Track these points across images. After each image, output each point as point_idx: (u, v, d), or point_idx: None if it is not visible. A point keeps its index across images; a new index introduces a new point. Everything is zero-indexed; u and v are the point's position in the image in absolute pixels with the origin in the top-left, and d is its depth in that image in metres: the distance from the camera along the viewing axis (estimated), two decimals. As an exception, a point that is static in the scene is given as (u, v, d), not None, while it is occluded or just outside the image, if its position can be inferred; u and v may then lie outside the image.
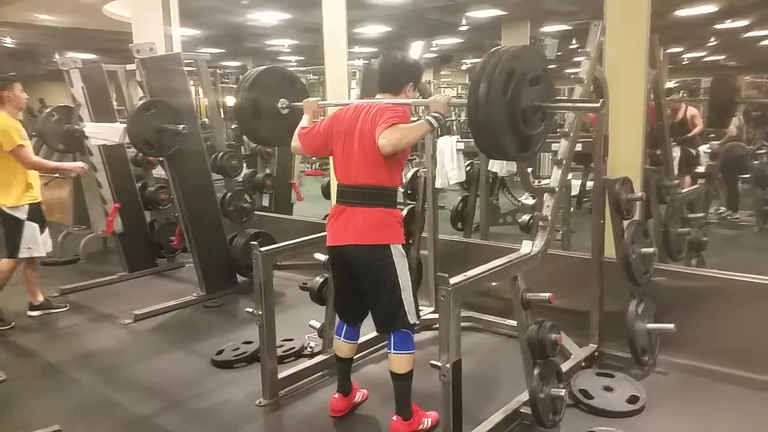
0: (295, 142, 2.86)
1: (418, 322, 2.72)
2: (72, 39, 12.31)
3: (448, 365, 2.25)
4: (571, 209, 5.61)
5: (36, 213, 4.30)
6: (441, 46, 13.96)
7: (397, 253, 2.62)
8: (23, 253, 4.26)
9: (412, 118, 2.59)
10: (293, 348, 3.66)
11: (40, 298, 4.55)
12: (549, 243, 2.80)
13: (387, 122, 2.45)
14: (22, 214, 4.20)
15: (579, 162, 4.93)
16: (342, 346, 2.92)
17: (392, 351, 2.66)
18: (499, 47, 2.19)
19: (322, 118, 2.89)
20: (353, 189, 2.63)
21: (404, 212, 3.52)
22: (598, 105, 2.31)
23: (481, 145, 2.25)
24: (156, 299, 4.74)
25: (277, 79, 3.23)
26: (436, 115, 2.50)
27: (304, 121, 2.94)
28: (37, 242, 4.30)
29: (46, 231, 4.44)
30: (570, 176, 4.74)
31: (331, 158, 2.81)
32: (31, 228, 4.26)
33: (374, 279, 2.65)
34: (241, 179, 5.85)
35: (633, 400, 2.93)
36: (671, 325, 3.20)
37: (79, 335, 4.21)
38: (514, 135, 2.18)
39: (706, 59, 16.60)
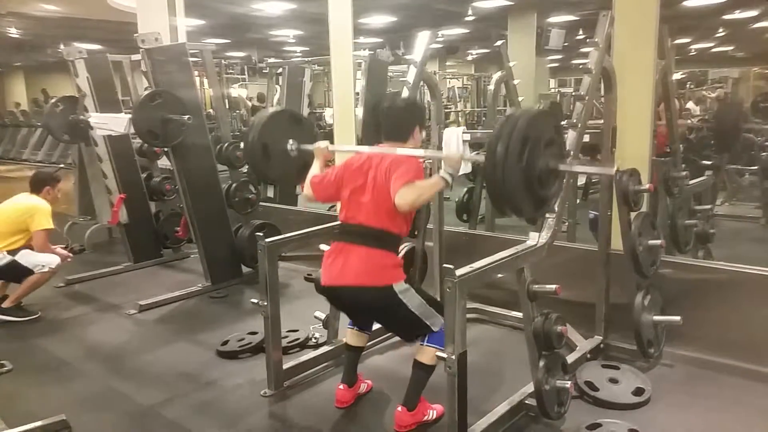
0: (307, 190, 2.86)
1: (444, 322, 2.50)
2: (77, 29, 12.30)
3: (453, 357, 2.24)
4: (578, 201, 5.58)
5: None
6: (447, 36, 13.89)
7: (401, 289, 2.58)
8: (40, 269, 4.31)
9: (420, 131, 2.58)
10: (298, 339, 3.66)
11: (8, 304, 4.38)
12: (555, 235, 2.78)
13: (402, 177, 2.46)
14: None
15: (586, 153, 4.89)
16: (354, 336, 2.94)
17: (425, 343, 2.65)
18: (513, 113, 2.20)
19: (332, 165, 2.89)
20: (356, 228, 2.62)
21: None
22: (613, 171, 2.31)
23: (499, 206, 2.29)
24: (161, 290, 4.76)
25: (285, 121, 3.26)
26: (451, 171, 2.51)
27: (315, 168, 2.93)
28: (43, 259, 4.33)
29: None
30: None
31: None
32: (24, 254, 4.31)
33: (384, 317, 2.72)
34: (246, 170, 5.84)
35: (638, 392, 2.93)
36: (677, 318, 3.19)
37: (84, 325, 4.23)
38: (531, 197, 2.21)
39: (714, 50, 16.49)
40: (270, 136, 3.13)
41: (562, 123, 2.39)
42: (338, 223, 2.77)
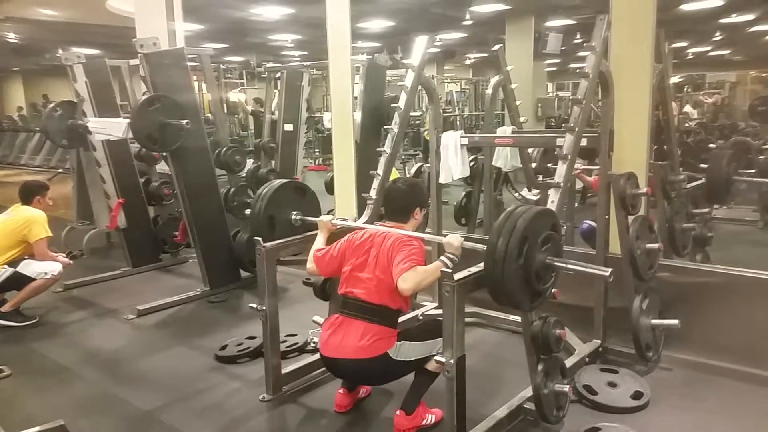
0: (311, 264, 2.91)
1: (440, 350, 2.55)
2: (75, 34, 12.32)
3: (452, 361, 2.24)
4: (576, 204, 5.59)
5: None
6: (445, 40, 13.92)
7: (395, 350, 2.62)
8: (43, 276, 4.33)
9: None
10: (297, 343, 3.67)
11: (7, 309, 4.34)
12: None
13: (406, 260, 2.54)
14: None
15: (584, 157, 4.90)
16: None
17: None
18: (513, 210, 2.27)
19: (337, 241, 2.92)
20: (356, 302, 2.67)
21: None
22: (607, 274, 2.36)
23: (498, 300, 2.34)
24: (159, 294, 4.75)
25: (290, 193, 3.35)
26: (451, 256, 2.55)
27: (319, 242, 2.99)
28: (44, 267, 4.34)
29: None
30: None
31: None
32: (26, 264, 4.33)
33: (387, 378, 2.80)
34: (244, 174, 5.84)
35: (637, 395, 2.93)
36: (676, 321, 3.19)
37: (83, 330, 4.22)
38: (528, 291, 2.28)
39: (711, 54, 16.53)
40: (275, 208, 3.24)
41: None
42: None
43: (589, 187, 4.33)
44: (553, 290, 2.55)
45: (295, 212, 3.27)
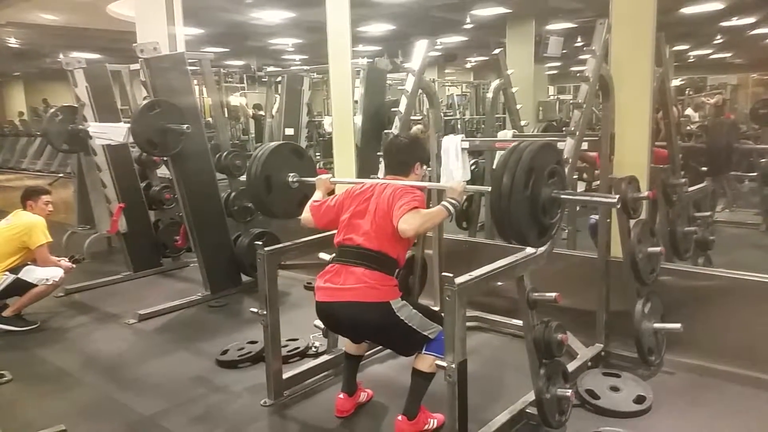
0: (306, 214, 2.90)
1: (442, 330, 2.56)
2: (76, 38, 12.32)
3: (453, 365, 2.23)
4: (577, 208, 5.57)
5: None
6: (445, 44, 13.94)
7: (398, 306, 2.58)
8: (44, 282, 4.35)
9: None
10: (298, 348, 3.66)
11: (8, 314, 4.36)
12: (555, 242, 2.77)
13: (408, 205, 2.51)
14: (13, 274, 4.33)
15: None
16: (353, 344, 2.93)
17: (423, 351, 2.64)
18: (518, 145, 2.23)
19: (335, 194, 2.92)
20: (354, 249, 2.63)
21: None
22: (614, 200, 2.41)
23: (504, 235, 2.32)
24: (160, 299, 4.75)
25: (287, 154, 3.33)
26: (453, 201, 2.55)
27: (317, 195, 3.00)
28: (46, 273, 4.35)
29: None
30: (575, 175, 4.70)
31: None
32: (27, 270, 4.34)
33: (381, 335, 2.72)
34: (245, 179, 5.85)
35: (640, 400, 2.92)
36: (678, 325, 3.18)
37: (84, 335, 4.22)
38: (535, 225, 2.26)
39: (712, 57, 16.54)
40: (272, 169, 3.20)
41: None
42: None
43: (592, 163, 4.27)
44: (554, 295, 2.55)
45: (292, 174, 3.23)
